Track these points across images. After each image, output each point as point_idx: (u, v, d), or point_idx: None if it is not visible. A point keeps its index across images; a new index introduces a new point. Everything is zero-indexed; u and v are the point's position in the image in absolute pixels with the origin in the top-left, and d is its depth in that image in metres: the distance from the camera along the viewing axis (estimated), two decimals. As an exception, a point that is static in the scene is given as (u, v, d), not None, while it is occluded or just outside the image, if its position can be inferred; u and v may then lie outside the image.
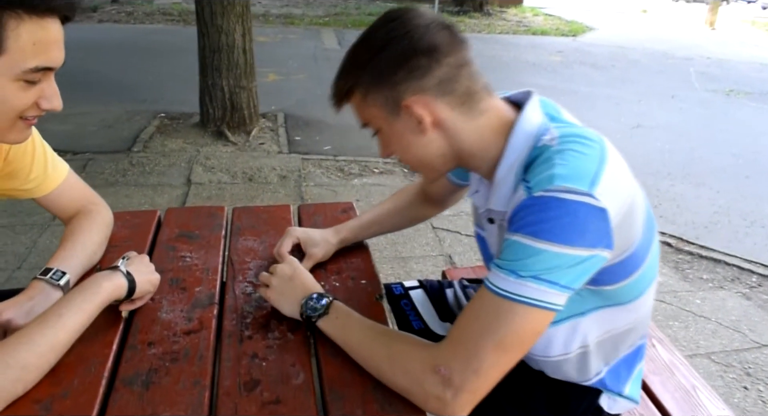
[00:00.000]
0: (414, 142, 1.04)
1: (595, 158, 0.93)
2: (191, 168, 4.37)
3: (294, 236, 1.40)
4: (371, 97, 1.02)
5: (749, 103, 8.31)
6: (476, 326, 0.92)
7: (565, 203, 0.88)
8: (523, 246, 0.90)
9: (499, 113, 1.04)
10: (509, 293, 0.90)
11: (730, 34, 18.44)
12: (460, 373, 0.91)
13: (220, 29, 4.82)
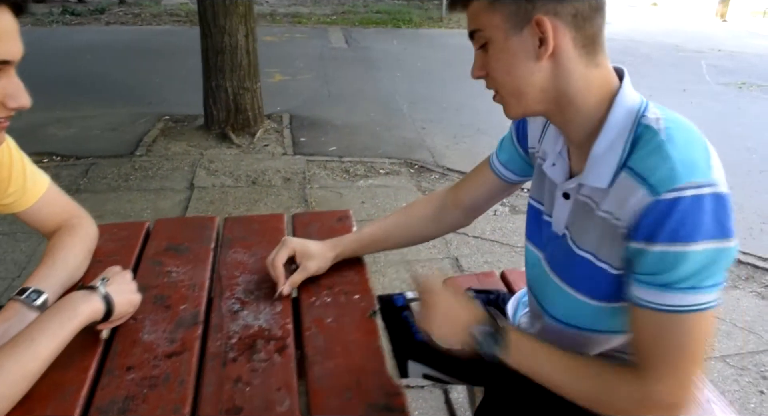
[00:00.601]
0: (522, 65, 0.96)
1: (702, 142, 0.92)
2: (194, 172, 4.33)
3: (290, 247, 1.32)
4: (501, 3, 0.94)
5: (762, 95, 8.16)
6: (671, 348, 0.92)
7: (699, 199, 0.85)
8: (671, 255, 0.87)
9: (609, 74, 1.00)
10: (684, 308, 0.89)
11: (742, 26, 18.22)
12: (672, 395, 0.93)
13: (223, 30, 4.78)
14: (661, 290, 0.89)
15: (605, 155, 0.96)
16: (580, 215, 1.05)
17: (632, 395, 0.95)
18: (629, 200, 0.91)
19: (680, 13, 21.44)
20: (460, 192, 1.43)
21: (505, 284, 1.90)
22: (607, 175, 0.96)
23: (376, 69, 8.47)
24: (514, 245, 3.52)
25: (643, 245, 0.89)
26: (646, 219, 0.88)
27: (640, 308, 0.93)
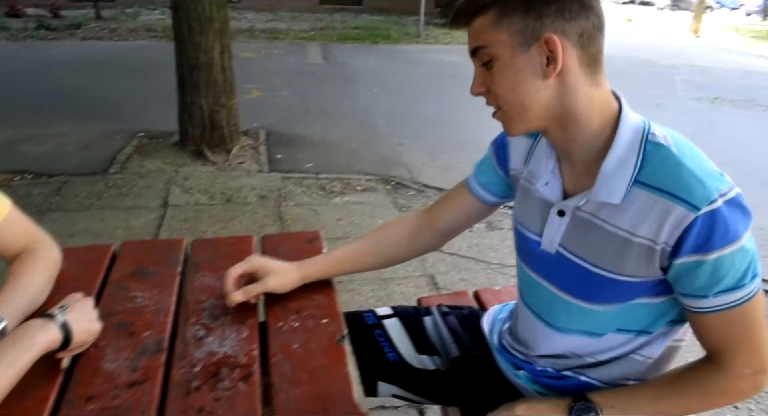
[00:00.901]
0: (528, 82, 0.97)
1: (704, 156, 1.00)
2: (169, 190, 4.29)
3: (251, 262, 1.30)
4: (509, 20, 0.96)
5: (734, 110, 8.32)
6: (747, 331, 0.99)
7: (730, 204, 0.93)
8: (726, 258, 0.93)
9: (609, 95, 1.04)
10: (747, 297, 0.96)
11: (714, 42, 18.59)
12: (758, 359, 1.01)
13: (199, 46, 4.76)
14: (736, 291, 0.96)
15: (616, 172, 0.99)
16: (583, 231, 1.06)
17: (726, 383, 1.03)
18: (665, 219, 0.95)
19: (654, 28, 21.82)
20: (435, 215, 1.41)
21: (478, 304, 1.89)
22: (620, 191, 0.99)
23: (354, 85, 8.50)
24: (490, 262, 3.52)
25: (699, 257, 0.94)
26: (691, 234, 0.93)
27: (713, 314, 0.99)
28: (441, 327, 1.45)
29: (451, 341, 1.43)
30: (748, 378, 1.01)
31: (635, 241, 0.99)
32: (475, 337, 1.44)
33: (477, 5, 0.98)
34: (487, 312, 1.51)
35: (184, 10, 4.65)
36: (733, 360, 1.01)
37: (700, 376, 1.06)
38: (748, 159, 5.92)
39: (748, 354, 1.00)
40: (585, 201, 1.04)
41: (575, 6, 0.94)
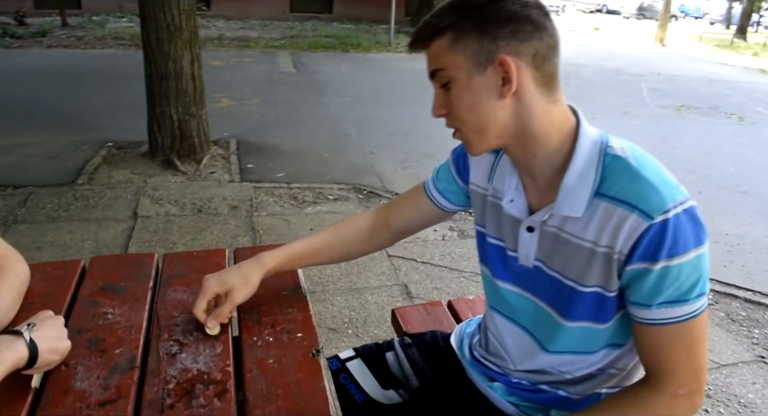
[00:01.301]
0: (485, 103, 0.99)
1: (663, 167, 1.01)
2: (138, 200, 4.23)
3: (210, 292, 1.26)
4: (463, 43, 0.97)
5: (700, 118, 8.50)
6: (688, 348, 1.00)
7: (684, 215, 0.94)
8: (673, 268, 0.94)
9: (566, 111, 1.05)
10: (690, 315, 0.97)
11: (680, 50, 18.99)
12: (694, 382, 1.01)
13: (168, 56, 4.73)
14: (679, 305, 0.97)
15: (577, 186, 1.01)
16: (552, 245, 1.08)
17: (662, 402, 1.02)
18: (621, 227, 0.96)
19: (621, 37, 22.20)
20: (392, 215, 1.43)
21: (452, 314, 1.90)
22: (581, 204, 1.01)
23: (325, 93, 8.51)
24: (463, 271, 3.54)
25: (647, 265, 0.95)
26: (643, 242, 0.95)
27: (655, 327, 1.00)
28: (402, 361, 1.46)
29: (412, 373, 1.44)
30: (683, 398, 1.01)
31: (599, 251, 1.00)
32: (441, 359, 1.45)
33: (433, 29, 0.99)
34: (454, 330, 1.52)
35: (152, 19, 4.61)
36: (670, 380, 1.01)
37: (638, 398, 1.06)
38: (713, 166, 6.05)
39: (685, 373, 1.01)
40: (549, 216, 1.06)
41: (528, 27, 0.95)
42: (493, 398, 1.29)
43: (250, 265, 1.33)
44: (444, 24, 0.98)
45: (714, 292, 3.54)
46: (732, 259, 4.01)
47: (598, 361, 1.15)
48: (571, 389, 1.20)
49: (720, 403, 2.57)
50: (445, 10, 1.00)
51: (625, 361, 1.16)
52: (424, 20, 1.02)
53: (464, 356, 1.40)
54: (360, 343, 2.76)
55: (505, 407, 1.27)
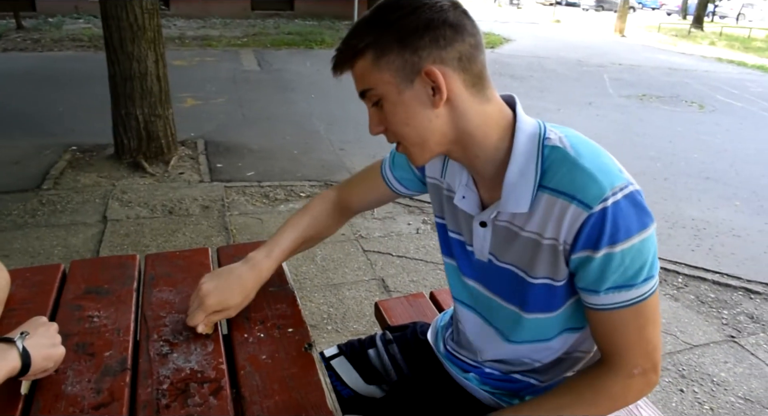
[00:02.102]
0: (419, 115, 0.98)
1: (601, 149, 1.01)
2: (107, 204, 4.16)
3: (210, 307, 1.22)
4: (386, 60, 0.96)
5: (662, 106, 8.66)
6: (640, 331, 1.01)
7: (623, 201, 0.93)
8: (615, 255, 0.95)
9: (501, 106, 1.04)
10: (637, 299, 0.98)
11: (639, 41, 19.32)
12: (648, 361, 1.02)
13: (131, 56, 4.65)
14: (626, 289, 0.97)
15: (519, 182, 1.01)
16: (504, 239, 1.08)
17: (616, 384, 1.03)
18: (563, 219, 0.96)
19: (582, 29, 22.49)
20: (351, 196, 1.45)
21: (434, 304, 1.92)
22: (526, 199, 1.01)
23: (291, 91, 8.46)
24: (438, 263, 3.56)
25: (589, 253, 0.96)
26: (584, 231, 0.95)
27: (605, 312, 1.01)
28: (383, 356, 1.48)
29: (391, 367, 1.47)
30: (638, 377, 1.03)
31: (544, 243, 1.01)
32: (420, 353, 1.47)
33: (353, 51, 0.98)
34: (431, 324, 1.54)
35: (114, 19, 4.53)
36: (624, 361, 1.02)
37: (594, 380, 1.06)
38: (677, 153, 6.18)
39: (638, 354, 1.02)
40: (497, 213, 1.07)
41: (448, 32, 0.94)
42: (469, 388, 1.31)
43: (251, 280, 1.31)
44: (363, 44, 0.97)
45: (683, 276, 3.63)
46: (699, 243, 4.11)
47: (561, 346, 1.17)
48: (542, 376, 1.22)
49: (694, 383, 2.64)
50: (361, 28, 0.98)
51: (588, 344, 1.17)
52: (342, 42, 1.00)
53: (439, 350, 1.41)
54: (340, 339, 2.79)
55: (481, 396, 1.29)
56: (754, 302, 3.39)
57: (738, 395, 2.57)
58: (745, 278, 3.65)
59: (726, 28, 27.14)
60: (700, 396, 2.56)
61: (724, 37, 23.11)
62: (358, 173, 1.46)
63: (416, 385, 1.40)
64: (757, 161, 6.36)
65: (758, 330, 3.10)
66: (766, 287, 3.56)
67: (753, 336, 3.03)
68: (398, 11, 0.95)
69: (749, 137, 7.37)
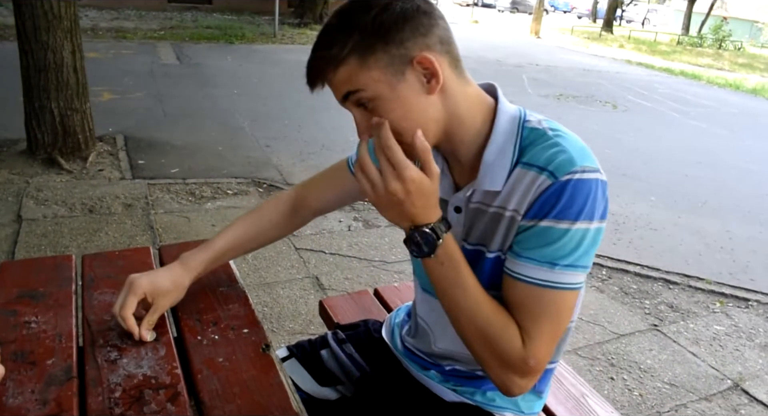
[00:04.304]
0: (416, 105, 0.97)
1: (580, 139, 1.01)
2: (21, 202, 3.92)
3: (139, 291, 1.18)
4: (374, 58, 0.94)
5: (578, 106, 8.98)
6: (546, 317, 0.98)
7: (588, 182, 0.94)
8: (554, 231, 0.94)
9: (478, 89, 1.05)
10: (554, 283, 0.96)
11: (554, 42, 19.94)
12: (542, 360, 1.00)
13: (46, 46, 4.41)
14: (547, 267, 0.96)
15: (496, 161, 1.02)
16: (474, 220, 1.08)
17: (520, 353, 0.98)
18: (529, 190, 0.97)
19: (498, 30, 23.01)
20: (311, 195, 1.40)
21: (380, 301, 1.90)
22: (501, 178, 1.01)
23: (212, 86, 8.25)
24: (372, 260, 3.56)
25: (533, 222, 0.96)
26: (541, 198, 0.95)
27: (522, 283, 0.99)
28: (339, 355, 1.44)
29: (351, 364, 1.43)
30: (525, 368, 0.98)
31: (506, 215, 1.01)
32: (377, 351, 1.44)
33: (335, 60, 0.95)
34: (384, 321, 1.52)
35: (28, 6, 4.27)
36: (529, 343, 0.98)
37: (511, 331, 0.99)
38: (595, 151, 6.32)
39: (543, 346, 0.98)
40: (471, 191, 1.07)
41: (423, 19, 0.95)
42: (431, 386, 1.30)
43: (176, 269, 1.27)
44: (345, 51, 0.94)
45: (607, 268, 3.77)
46: (620, 237, 4.28)
47: None
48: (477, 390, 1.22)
49: (623, 370, 2.74)
50: (335, 36, 0.95)
51: None
52: (315, 54, 0.97)
53: (396, 347, 1.40)
54: (277, 339, 2.74)
55: (444, 393, 1.27)
56: (673, 292, 3.57)
57: (664, 381, 2.69)
58: (664, 270, 3.83)
59: (634, 32, 28.46)
60: (630, 383, 2.66)
61: (632, 40, 24.25)
62: (320, 172, 1.42)
63: (380, 384, 1.38)
64: (668, 158, 6.69)
65: (678, 318, 3.25)
66: (683, 277, 3.75)
67: (674, 324, 3.18)
68: (370, 10, 0.94)
69: (660, 136, 7.75)
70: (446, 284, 1.02)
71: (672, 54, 20.53)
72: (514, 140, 1.02)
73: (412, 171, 0.92)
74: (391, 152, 0.93)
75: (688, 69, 16.40)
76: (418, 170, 0.93)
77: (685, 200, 5.34)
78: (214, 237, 1.34)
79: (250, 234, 1.38)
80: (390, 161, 0.93)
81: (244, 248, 1.39)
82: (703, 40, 28.43)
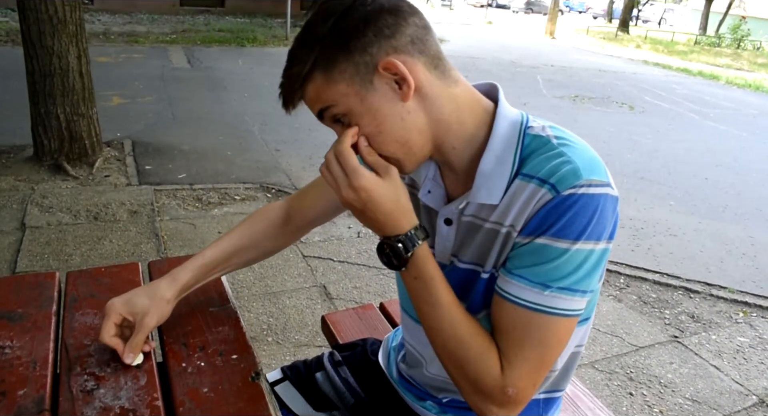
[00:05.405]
0: (389, 115, 0.88)
1: (591, 148, 0.92)
2: (25, 209, 3.87)
3: (114, 314, 1.10)
4: (338, 70, 0.86)
5: (594, 107, 8.84)
6: (531, 344, 0.89)
7: (595, 198, 0.85)
8: (550, 249, 0.86)
9: (471, 90, 0.96)
10: (544, 307, 0.87)
11: (569, 43, 19.81)
12: (524, 391, 0.90)
13: (51, 51, 4.35)
14: (538, 289, 0.87)
15: (494, 171, 0.92)
16: (467, 235, 0.99)
17: (497, 380, 0.89)
18: (528, 204, 0.88)
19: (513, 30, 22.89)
20: (304, 205, 1.30)
21: (384, 316, 1.81)
22: (499, 190, 0.92)
23: (223, 89, 8.21)
24: (382, 268, 3.46)
25: (529, 239, 0.88)
26: (540, 213, 0.86)
27: (509, 303, 0.90)
28: (335, 379, 1.35)
29: (346, 390, 1.34)
30: (503, 400, 0.89)
31: (502, 231, 0.92)
32: (373, 376, 1.35)
33: (299, 78, 0.88)
34: (382, 343, 1.42)
35: (33, 11, 4.22)
36: (509, 370, 0.89)
37: (489, 355, 0.90)
38: (612, 154, 6.29)
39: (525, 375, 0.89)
40: (465, 204, 0.97)
41: (389, 19, 0.86)
42: None
43: (160, 282, 1.17)
44: (308, 67, 0.87)
45: (625, 276, 3.65)
46: (638, 243, 4.15)
47: None
48: None
49: (642, 385, 2.63)
50: (297, 52, 0.88)
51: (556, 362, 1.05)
52: (283, 74, 0.91)
53: (392, 375, 1.30)
54: (282, 352, 2.65)
55: None
56: (694, 301, 3.44)
57: (686, 396, 2.57)
58: (684, 278, 3.70)
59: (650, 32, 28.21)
60: (649, 398, 2.55)
61: (648, 40, 24.02)
62: (314, 180, 1.32)
63: (374, 412, 1.29)
64: (687, 161, 6.54)
65: (700, 329, 3.13)
66: (704, 286, 3.62)
67: (695, 336, 3.06)
68: (328, 19, 0.86)
69: (678, 138, 7.60)
70: (419, 300, 0.95)
71: (690, 54, 20.28)
72: (514, 149, 0.92)
73: (363, 180, 0.87)
74: (343, 158, 0.87)
75: (706, 69, 16.16)
76: (372, 177, 0.88)
77: (706, 205, 5.19)
78: (204, 248, 1.25)
79: (242, 244, 1.28)
80: (344, 168, 0.88)
81: (238, 260, 1.28)
82: (721, 40, 28.11)
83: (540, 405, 1.12)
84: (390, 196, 0.89)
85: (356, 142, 0.90)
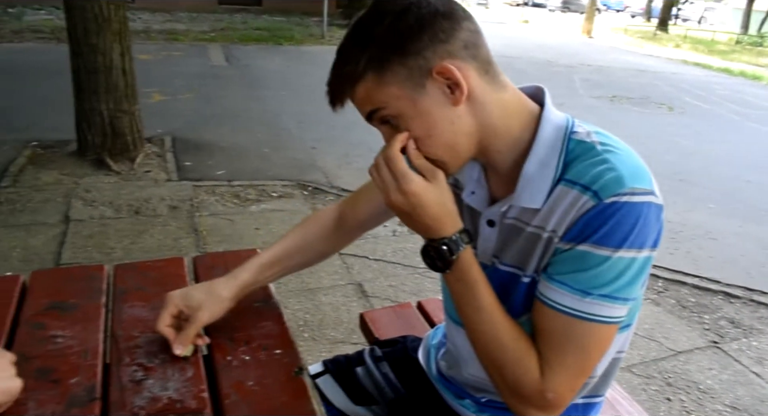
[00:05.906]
0: (442, 119, 0.89)
1: (637, 155, 0.91)
2: (69, 203, 3.97)
3: (172, 304, 1.14)
4: (391, 73, 0.87)
5: (632, 107, 8.72)
6: (571, 350, 0.90)
7: (638, 206, 0.84)
8: (592, 256, 0.86)
9: (519, 94, 0.96)
10: (585, 314, 0.88)
11: (606, 42, 19.53)
12: (563, 396, 0.91)
13: (96, 49, 4.45)
14: (579, 295, 0.87)
15: (537, 175, 0.92)
16: (509, 238, 0.99)
17: (537, 384, 0.91)
18: (571, 210, 0.88)
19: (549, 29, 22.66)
20: (354, 208, 1.33)
21: (423, 315, 1.82)
22: (542, 194, 0.92)
23: (260, 87, 8.29)
24: (417, 267, 3.47)
25: (570, 245, 0.88)
26: (581, 220, 0.87)
27: (550, 309, 0.91)
28: (375, 374, 1.37)
29: (386, 385, 1.36)
30: (542, 404, 0.91)
31: (543, 236, 0.93)
32: (412, 373, 1.36)
33: (352, 78, 0.89)
34: (423, 340, 1.43)
35: (79, 9, 4.33)
36: (550, 375, 0.90)
37: (529, 359, 0.92)
38: (651, 155, 6.13)
39: (565, 381, 0.90)
40: (508, 207, 0.97)
41: (444, 23, 0.87)
42: (466, 414, 1.21)
43: (219, 280, 1.20)
44: (360, 67, 0.88)
45: (663, 280, 3.60)
46: (677, 246, 4.09)
47: None
48: None
49: (681, 391, 2.59)
50: (349, 51, 0.89)
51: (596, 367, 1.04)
52: (332, 72, 0.92)
53: (431, 372, 1.31)
54: (318, 347, 2.67)
55: None
56: (734, 306, 3.38)
57: (725, 403, 2.53)
58: (724, 282, 3.63)
59: (690, 31, 27.67)
60: (688, 404, 2.51)
61: (688, 39, 23.55)
62: (364, 185, 1.33)
63: (413, 408, 1.30)
64: (727, 162, 6.41)
65: (740, 335, 3.07)
66: (745, 291, 3.55)
67: (735, 342, 3.00)
68: (384, 20, 0.87)
69: (718, 139, 7.45)
70: (462, 302, 0.96)
71: (731, 54, 19.85)
72: (558, 154, 0.92)
73: (413, 184, 0.88)
74: (393, 163, 0.89)
75: (748, 69, 15.79)
76: (420, 182, 0.89)
77: (747, 208, 5.09)
78: (263, 250, 1.29)
79: (297, 245, 1.32)
80: (393, 172, 0.89)
81: (294, 262, 1.32)
82: (763, 40, 27.40)
83: (579, 409, 1.12)
84: (437, 200, 0.90)
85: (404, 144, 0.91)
